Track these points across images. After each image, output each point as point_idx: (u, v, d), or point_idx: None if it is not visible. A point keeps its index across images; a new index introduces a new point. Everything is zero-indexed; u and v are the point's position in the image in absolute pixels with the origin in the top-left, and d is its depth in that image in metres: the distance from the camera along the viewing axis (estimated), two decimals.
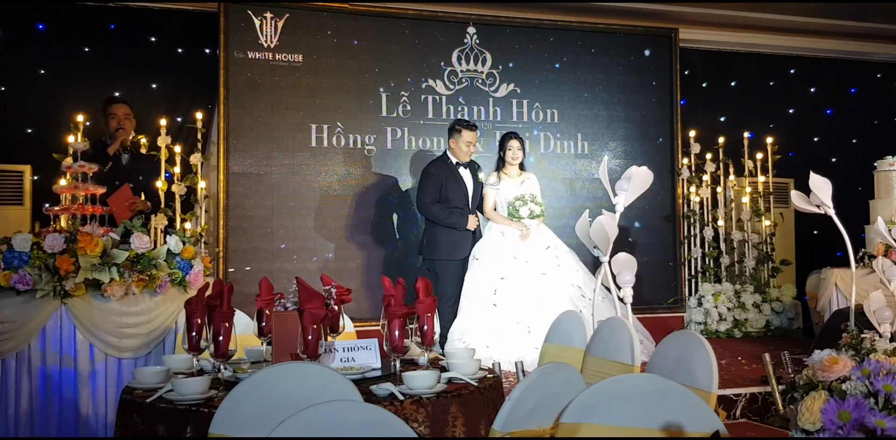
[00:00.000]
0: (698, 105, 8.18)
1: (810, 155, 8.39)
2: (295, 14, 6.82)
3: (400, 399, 2.48)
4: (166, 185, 5.96)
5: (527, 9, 7.49)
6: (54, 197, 4.56)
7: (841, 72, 8.71)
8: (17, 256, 3.86)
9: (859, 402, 1.83)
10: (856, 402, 1.82)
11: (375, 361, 2.99)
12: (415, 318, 2.91)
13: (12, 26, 6.42)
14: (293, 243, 6.72)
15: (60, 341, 3.92)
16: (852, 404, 1.82)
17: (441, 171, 6.07)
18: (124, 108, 5.62)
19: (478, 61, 7.34)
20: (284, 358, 2.79)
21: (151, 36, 6.74)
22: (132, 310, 4.01)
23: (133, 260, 3.97)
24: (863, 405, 1.82)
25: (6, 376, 3.89)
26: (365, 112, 7.00)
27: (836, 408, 1.83)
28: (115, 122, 5.53)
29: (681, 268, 7.68)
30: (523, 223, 5.96)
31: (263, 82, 6.71)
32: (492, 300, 5.72)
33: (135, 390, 2.67)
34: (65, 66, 6.48)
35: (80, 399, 3.90)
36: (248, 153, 6.64)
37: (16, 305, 3.87)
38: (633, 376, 2.04)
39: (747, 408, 4.78)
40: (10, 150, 6.28)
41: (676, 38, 7.85)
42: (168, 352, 4.03)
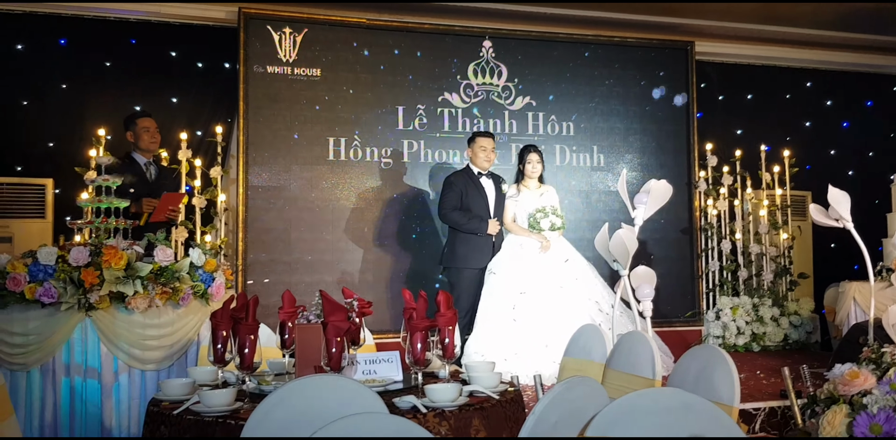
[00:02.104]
0: (715, 118, 8.19)
1: (827, 168, 8.38)
2: (313, 29, 6.90)
3: (423, 412, 2.50)
4: (187, 198, 6.02)
5: (542, 23, 7.53)
6: (76, 210, 4.62)
7: (857, 84, 8.70)
8: (42, 269, 3.91)
9: (889, 415, 1.84)
10: (886, 416, 1.84)
11: (397, 374, 3.01)
12: (436, 331, 2.93)
13: (35, 41, 6.50)
14: (311, 255, 6.76)
15: (85, 353, 3.96)
16: (883, 418, 1.84)
17: (462, 180, 6.12)
18: (153, 122, 5.68)
19: (493, 74, 7.39)
20: (308, 370, 2.82)
21: (172, 50, 6.82)
22: (155, 322, 4.05)
23: (157, 273, 4.01)
24: (893, 418, 1.83)
25: (31, 388, 3.93)
26: (382, 125, 7.05)
27: (868, 421, 1.85)
28: (147, 136, 5.58)
29: (698, 282, 7.67)
30: (543, 235, 5.98)
31: (282, 96, 6.78)
32: (511, 315, 5.73)
33: (161, 402, 2.70)
34: (86, 81, 6.56)
35: (104, 411, 3.93)
36: (266, 166, 6.70)
37: (41, 318, 3.92)
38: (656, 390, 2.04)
39: (766, 422, 4.76)
40: (33, 163, 6.36)
41: (692, 51, 7.87)
42: (190, 364, 4.06)
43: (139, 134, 5.57)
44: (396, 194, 7.04)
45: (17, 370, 3.91)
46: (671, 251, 7.68)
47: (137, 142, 5.59)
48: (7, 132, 6.36)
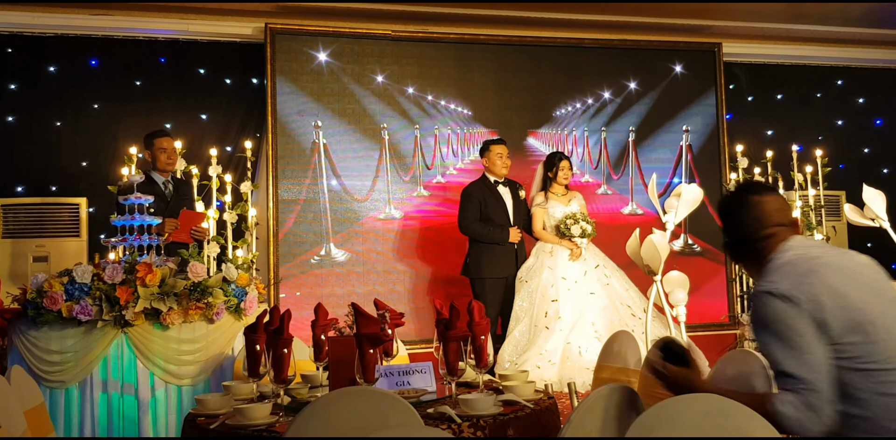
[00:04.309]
0: (745, 119, 8.12)
1: (861, 166, 8.27)
2: (339, 42, 6.95)
3: (457, 422, 2.49)
4: (218, 213, 6.07)
5: (569, 29, 7.52)
6: (110, 228, 4.67)
7: (889, 81, 8.58)
8: (78, 287, 3.96)
9: None
10: None
11: (431, 385, 3.00)
12: (469, 340, 2.92)
13: (67, 63, 6.61)
14: (342, 268, 6.79)
15: (121, 370, 4.00)
16: None
17: (479, 190, 6.11)
18: (171, 142, 5.73)
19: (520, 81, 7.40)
20: (342, 382, 2.82)
21: (200, 68, 6.90)
22: (190, 337, 4.08)
23: (190, 288, 4.04)
24: None
25: (69, 405, 3.98)
26: (410, 136, 7.07)
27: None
28: (164, 156, 5.62)
29: (732, 285, 7.58)
30: (574, 242, 5.95)
31: (310, 110, 6.83)
32: (543, 323, 5.70)
33: (198, 417, 2.72)
34: (118, 100, 6.66)
35: (142, 426, 3.97)
36: (296, 180, 6.75)
37: (78, 335, 3.97)
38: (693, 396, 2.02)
39: None
40: (67, 182, 6.45)
41: (720, 52, 7.82)
42: (225, 378, 4.08)
43: (156, 154, 5.60)
44: (425, 205, 7.05)
45: (55, 388, 3.96)
46: (705, 255, 7.61)
47: (155, 162, 5.63)
48: (42, 153, 6.47)
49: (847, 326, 2.06)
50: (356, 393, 2.19)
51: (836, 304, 2.07)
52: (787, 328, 2.07)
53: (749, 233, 2.35)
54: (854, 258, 2.27)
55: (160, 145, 5.62)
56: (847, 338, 2.05)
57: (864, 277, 2.19)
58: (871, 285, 2.17)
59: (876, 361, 2.05)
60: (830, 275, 2.13)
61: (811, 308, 2.06)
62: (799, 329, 2.06)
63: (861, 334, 2.05)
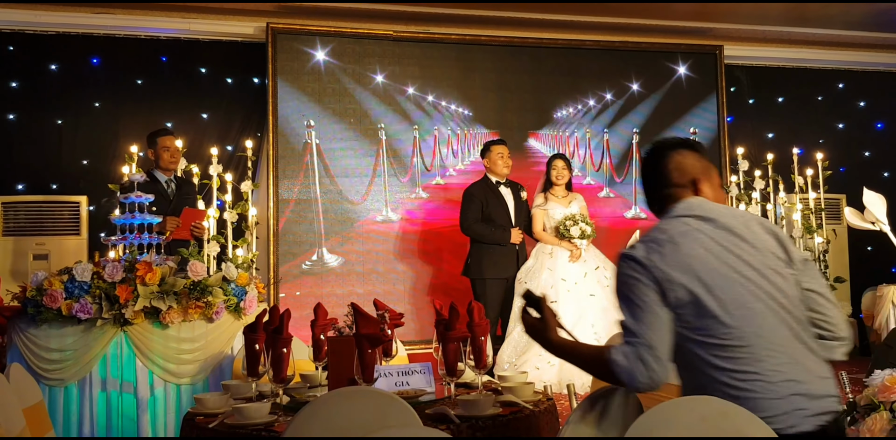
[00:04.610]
0: (746, 122, 8.12)
1: (861, 170, 8.27)
2: (341, 42, 6.95)
3: (456, 423, 2.49)
4: (219, 212, 6.07)
5: (570, 30, 7.52)
6: (110, 226, 4.67)
7: (890, 85, 8.58)
8: (78, 286, 3.96)
9: None
10: None
11: (430, 385, 3.00)
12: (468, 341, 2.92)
13: (68, 61, 6.62)
14: (342, 268, 6.79)
15: (121, 368, 4.00)
16: None
17: (481, 190, 6.11)
18: (174, 140, 5.73)
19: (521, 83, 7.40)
20: (341, 382, 2.82)
21: (202, 67, 6.90)
22: (189, 336, 4.09)
23: (190, 287, 4.05)
24: None
25: (68, 403, 3.98)
26: (411, 136, 7.07)
27: None
28: (167, 155, 5.62)
29: None
30: (573, 243, 5.95)
31: (311, 109, 6.83)
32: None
33: (197, 416, 2.72)
34: (119, 99, 6.66)
35: (140, 425, 3.97)
36: (296, 180, 6.75)
37: (77, 334, 3.97)
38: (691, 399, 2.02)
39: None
40: (67, 181, 6.46)
41: (721, 55, 7.82)
42: (225, 377, 4.09)
43: (159, 153, 5.60)
44: (425, 205, 7.05)
45: (54, 386, 3.97)
46: None
47: (157, 160, 5.63)
48: (42, 151, 6.47)
49: (689, 299, 2.05)
50: (355, 393, 2.19)
51: (683, 278, 2.06)
52: (634, 290, 2.10)
53: (647, 191, 2.37)
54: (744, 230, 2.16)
55: (163, 144, 5.62)
56: (686, 309, 2.06)
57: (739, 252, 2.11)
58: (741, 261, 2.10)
59: (713, 336, 2.04)
60: (694, 247, 2.10)
61: (658, 276, 2.07)
62: (644, 293, 2.08)
63: (700, 308, 2.05)
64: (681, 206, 2.24)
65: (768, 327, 2.06)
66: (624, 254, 2.15)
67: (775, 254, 2.16)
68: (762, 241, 2.16)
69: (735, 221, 2.18)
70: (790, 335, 2.08)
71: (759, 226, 2.20)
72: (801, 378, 2.05)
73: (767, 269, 2.12)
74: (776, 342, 2.05)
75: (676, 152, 2.32)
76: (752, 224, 2.20)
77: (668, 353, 2.07)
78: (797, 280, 2.16)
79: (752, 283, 2.08)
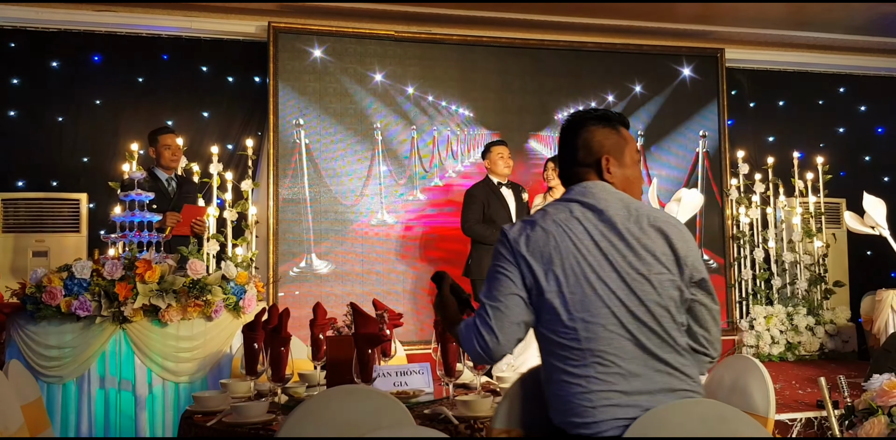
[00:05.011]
0: (746, 125, 8.12)
1: (861, 174, 8.27)
2: (342, 42, 6.95)
3: (454, 423, 2.49)
4: (219, 211, 6.07)
5: (571, 32, 7.53)
6: (110, 224, 4.68)
7: (891, 89, 8.59)
8: (77, 283, 3.96)
9: None
10: None
11: (428, 386, 3.00)
12: None
13: (70, 58, 6.61)
14: (341, 267, 6.79)
15: (119, 366, 4.01)
16: None
17: (483, 191, 6.11)
18: (175, 138, 5.74)
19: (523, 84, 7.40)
20: (339, 382, 2.82)
21: (203, 66, 6.90)
22: (188, 334, 4.09)
23: (189, 286, 4.05)
24: None
25: (67, 400, 3.98)
26: (411, 137, 7.07)
27: None
28: (168, 153, 5.63)
29: (731, 291, 7.59)
30: None
31: (312, 109, 6.83)
32: None
33: (195, 414, 2.72)
34: (120, 97, 6.66)
35: (138, 423, 3.98)
36: (297, 179, 6.75)
37: (76, 331, 3.98)
38: (689, 401, 2.02)
39: (802, 433, 4.69)
40: (68, 178, 6.46)
41: (723, 58, 7.82)
42: (223, 375, 4.09)
43: (160, 151, 5.61)
44: (425, 205, 7.05)
45: (52, 382, 3.97)
46: (703, 260, 7.61)
47: (158, 158, 5.64)
48: (43, 148, 6.47)
49: (536, 290, 2.03)
50: (349, 391, 2.19)
51: (538, 268, 2.02)
52: (496, 265, 2.09)
53: (560, 167, 2.27)
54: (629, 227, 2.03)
55: (164, 142, 5.63)
56: (533, 297, 2.04)
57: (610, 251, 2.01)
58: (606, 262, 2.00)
59: (553, 332, 2.02)
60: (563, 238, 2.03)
61: (517, 259, 2.05)
62: (503, 269, 2.06)
63: (544, 301, 2.02)
64: (576, 189, 2.14)
65: (607, 336, 1.97)
66: (502, 229, 2.12)
67: (657, 259, 2.02)
68: (646, 242, 2.03)
69: (623, 216, 2.05)
70: (632, 346, 1.97)
71: (651, 227, 2.05)
72: (628, 389, 1.95)
73: (634, 274, 2.00)
74: (610, 352, 1.96)
75: (585, 128, 2.19)
76: (643, 221, 2.05)
77: (511, 331, 2.04)
78: (679, 286, 2.03)
79: (607, 288, 1.99)
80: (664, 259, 2.02)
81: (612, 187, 2.13)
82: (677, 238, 2.05)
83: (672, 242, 2.04)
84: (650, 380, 1.97)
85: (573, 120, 2.23)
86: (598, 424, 1.94)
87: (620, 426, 1.93)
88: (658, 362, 1.98)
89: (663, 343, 1.99)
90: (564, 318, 1.99)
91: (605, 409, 1.94)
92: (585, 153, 2.17)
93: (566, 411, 1.98)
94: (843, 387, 4.30)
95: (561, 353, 2.01)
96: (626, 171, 2.17)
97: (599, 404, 1.94)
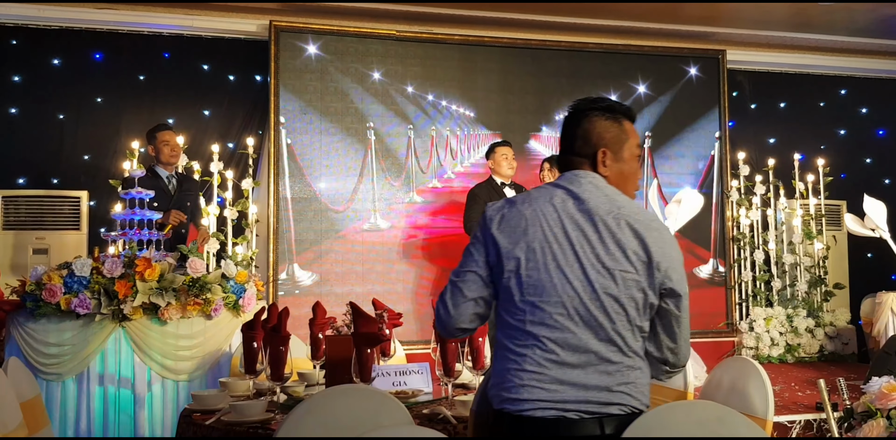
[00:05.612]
0: (747, 127, 8.11)
1: (862, 176, 8.27)
2: (344, 41, 6.94)
3: (453, 423, 2.49)
4: (220, 209, 6.07)
5: (573, 32, 7.52)
6: (110, 222, 4.68)
7: (893, 92, 8.58)
8: (77, 281, 3.97)
9: None
10: None
11: (427, 385, 3.00)
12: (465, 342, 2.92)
13: (71, 56, 6.61)
14: (341, 267, 6.78)
15: (118, 364, 4.01)
16: None
17: (486, 191, 6.12)
18: (174, 135, 5.74)
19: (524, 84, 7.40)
20: (338, 381, 2.82)
21: (204, 64, 6.89)
22: (187, 333, 4.09)
23: (189, 284, 4.05)
24: None
25: (66, 398, 3.99)
26: (414, 137, 7.07)
27: None
28: (167, 149, 5.63)
29: (731, 292, 7.59)
30: None
31: (313, 108, 6.83)
32: None
33: (194, 412, 2.72)
34: (121, 94, 6.65)
35: (137, 421, 3.98)
36: (297, 178, 6.75)
37: (76, 328, 3.98)
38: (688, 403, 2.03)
39: (801, 435, 4.69)
40: (68, 176, 6.45)
41: (724, 59, 7.82)
42: (222, 374, 4.09)
43: (160, 148, 5.62)
44: (427, 205, 7.05)
45: (52, 380, 3.97)
46: (703, 261, 7.60)
47: (158, 155, 5.65)
48: (43, 145, 6.47)
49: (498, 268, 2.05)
50: (348, 391, 2.19)
51: (506, 246, 2.03)
52: (471, 241, 2.14)
53: (559, 152, 2.25)
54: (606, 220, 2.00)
55: (163, 138, 5.63)
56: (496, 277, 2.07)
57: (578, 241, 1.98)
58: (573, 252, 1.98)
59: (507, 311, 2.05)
60: (535, 222, 2.03)
61: (487, 236, 2.08)
62: (473, 247, 2.11)
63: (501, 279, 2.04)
64: (566, 176, 2.13)
65: (552, 324, 1.96)
66: (488, 204, 2.17)
67: (626, 256, 1.98)
68: (619, 238, 1.99)
69: (605, 209, 2.02)
70: (575, 339, 1.95)
71: (628, 225, 2.00)
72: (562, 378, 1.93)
73: (600, 267, 1.97)
74: (552, 339, 1.95)
75: (587, 118, 2.17)
76: (623, 219, 2.01)
77: (466, 306, 2.10)
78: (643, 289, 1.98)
79: (564, 278, 1.97)
80: (634, 258, 1.98)
81: (603, 181, 2.11)
82: (654, 242, 2.00)
83: (647, 245, 1.99)
84: (586, 376, 1.94)
85: (578, 107, 2.23)
86: (523, 402, 1.95)
87: (545, 409, 1.93)
88: (599, 360, 1.95)
89: (609, 342, 1.96)
90: (517, 299, 2.02)
91: (531, 390, 1.95)
92: (583, 143, 2.15)
93: (498, 384, 2.02)
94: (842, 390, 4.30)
95: (509, 331, 2.04)
96: (623, 166, 2.14)
97: (528, 384, 1.96)
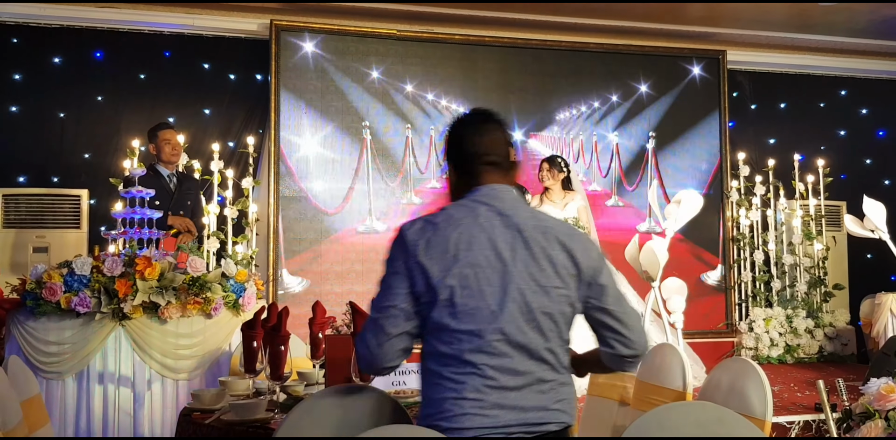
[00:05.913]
0: (747, 127, 8.11)
1: (862, 177, 8.26)
2: (345, 40, 6.95)
3: None
4: (220, 208, 6.08)
5: (574, 32, 7.52)
6: (111, 220, 4.68)
7: (893, 92, 8.57)
8: (77, 279, 3.97)
9: None
10: None
11: None
12: None
13: (71, 54, 6.61)
14: (341, 266, 6.78)
15: (118, 362, 4.01)
16: None
17: None
18: (174, 134, 5.75)
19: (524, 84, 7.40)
20: (338, 380, 2.83)
21: (204, 63, 6.90)
22: (187, 332, 4.09)
23: (189, 283, 4.05)
24: None
25: (66, 396, 3.99)
26: (413, 136, 7.07)
27: None
28: (168, 148, 5.64)
29: (731, 293, 7.59)
30: None
31: (314, 107, 6.83)
32: None
33: (193, 412, 2.73)
34: (121, 93, 6.65)
35: (137, 419, 3.98)
36: (297, 177, 6.75)
37: (76, 327, 3.98)
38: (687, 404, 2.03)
39: (800, 435, 4.69)
40: (69, 174, 6.45)
41: (724, 59, 7.82)
42: (222, 373, 4.09)
43: (161, 146, 5.63)
44: (426, 204, 7.05)
45: (51, 379, 3.98)
46: (703, 262, 7.61)
47: (159, 154, 5.65)
48: (44, 144, 6.47)
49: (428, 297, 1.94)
50: (348, 390, 2.20)
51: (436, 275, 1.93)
52: (389, 270, 2.00)
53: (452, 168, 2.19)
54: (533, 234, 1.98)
55: (164, 137, 5.64)
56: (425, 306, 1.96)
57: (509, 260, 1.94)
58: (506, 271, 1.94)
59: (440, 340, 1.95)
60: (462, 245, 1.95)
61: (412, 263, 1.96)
62: (392, 277, 1.98)
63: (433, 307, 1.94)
64: (483, 190, 2.06)
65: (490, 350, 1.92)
66: (401, 227, 2.05)
67: (557, 272, 1.98)
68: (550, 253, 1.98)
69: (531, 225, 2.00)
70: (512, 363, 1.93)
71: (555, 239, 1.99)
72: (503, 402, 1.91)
73: (535, 286, 1.96)
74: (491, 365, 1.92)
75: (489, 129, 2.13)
76: (550, 232, 2.00)
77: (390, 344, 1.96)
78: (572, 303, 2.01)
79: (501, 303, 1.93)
80: (563, 272, 1.98)
81: (516, 192, 2.10)
82: (580, 251, 2.01)
83: (575, 256, 2.00)
84: (523, 397, 1.93)
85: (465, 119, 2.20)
86: (465, 431, 1.90)
87: (489, 436, 1.89)
88: (535, 380, 1.95)
89: (542, 361, 1.96)
90: (451, 328, 1.93)
91: (473, 418, 1.90)
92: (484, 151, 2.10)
93: (435, 414, 1.94)
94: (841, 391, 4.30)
95: (443, 359, 1.95)
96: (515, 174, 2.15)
97: (469, 412, 1.90)
